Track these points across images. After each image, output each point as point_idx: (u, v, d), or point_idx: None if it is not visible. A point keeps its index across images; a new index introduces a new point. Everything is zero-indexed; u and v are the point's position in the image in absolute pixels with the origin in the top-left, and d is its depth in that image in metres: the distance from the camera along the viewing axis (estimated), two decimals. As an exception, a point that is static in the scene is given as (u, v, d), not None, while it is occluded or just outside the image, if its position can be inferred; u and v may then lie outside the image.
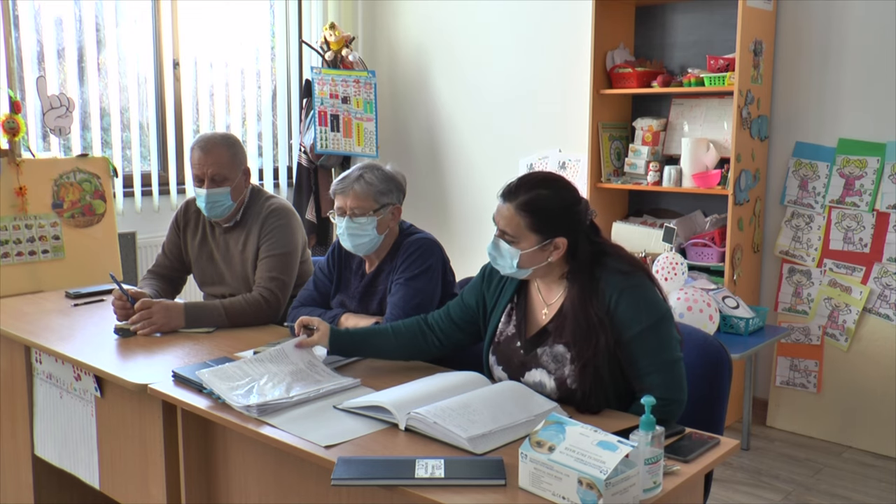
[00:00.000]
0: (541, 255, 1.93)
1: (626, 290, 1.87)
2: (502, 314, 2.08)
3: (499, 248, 1.95)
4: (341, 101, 4.86)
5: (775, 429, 4.02)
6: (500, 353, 2.06)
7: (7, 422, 2.76)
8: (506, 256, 1.94)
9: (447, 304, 2.22)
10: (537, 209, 1.91)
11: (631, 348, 1.87)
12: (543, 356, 1.95)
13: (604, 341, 1.86)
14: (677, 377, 1.87)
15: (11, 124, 3.46)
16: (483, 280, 2.15)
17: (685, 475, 1.55)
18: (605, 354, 1.87)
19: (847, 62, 3.81)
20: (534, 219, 1.91)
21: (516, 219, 1.92)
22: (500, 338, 2.07)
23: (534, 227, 1.91)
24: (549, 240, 1.91)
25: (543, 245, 1.92)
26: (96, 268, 3.62)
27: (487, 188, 5.00)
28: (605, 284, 1.89)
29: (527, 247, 1.92)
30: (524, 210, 1.91)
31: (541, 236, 1.91)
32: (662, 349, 1.87)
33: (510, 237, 1.93)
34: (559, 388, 1.91)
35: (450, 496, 1.46)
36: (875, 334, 3.77)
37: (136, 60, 4.49)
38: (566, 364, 1.90)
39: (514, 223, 1.92)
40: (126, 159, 4.53)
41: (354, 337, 2.17)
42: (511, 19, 4.83)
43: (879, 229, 3.75)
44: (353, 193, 2.42)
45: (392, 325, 2.20)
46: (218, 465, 2.04)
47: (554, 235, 1.91)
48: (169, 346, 2.43)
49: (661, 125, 4.27)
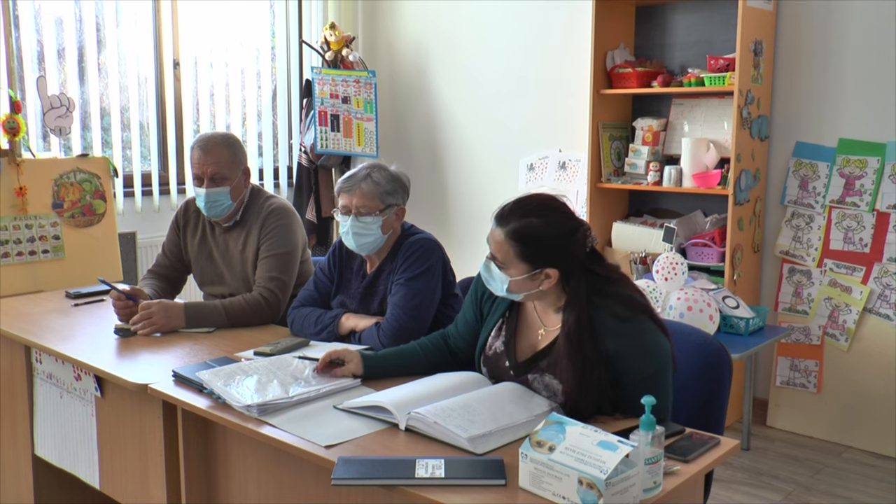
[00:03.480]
0: (531, 284, 1.87)
1: (624, 339, 1.81)
2: (492, 328, 2.05)
3: (490, 270, 1.92)
4: (341, 101, 4.86)
5: (775, 429, 4.02)
6: (491, 367, 2.03)
7: (7, 422, 2.76)
8: (496, 280, 1.91)
9: (456, 319, 2.20)
10: (527, 239, 1.85)
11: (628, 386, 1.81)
12: (534, 383, 1.92)
13: (597, 377, 1.80)
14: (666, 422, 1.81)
15: (12, 124, 3.46)
16: (476, 293, 2.12)
17: (685, 475, 1.55)
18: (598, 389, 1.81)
19: (847, 62, 3.81)
20: (523, 248, 1.85)
21: (506, 246, 1.86)
22: (489, 352, 2.04)
23: (523, 257, 1.85)
24: (539, 269, 1.85)
25: (533, 274, 1.86)
26: (96, 268, 3.62)
27: (487, 188, 5.01)
28: (603, 329, 1.81)
29: (516, 274, 1.87)
30: (514, 239, 1.85)
31: (530, 265, 1.85)
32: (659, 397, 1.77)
33: (500, 263, 1.88)
34: None
35: (450, 496, 1.46)
36: (875, 334, 3.76)
37: (136, 60, 4.49)
38: (558, 394, 1.87)
39: (504, 250, 1.87)
40: (126, 159, 4.53)
41: (387, 360, 2.14)
42: (511, 19, 4.84)
43: (879, 229, 3.75)
44: (360, 192, 2.42)
45: (419, 344, 2.19)
46: (218, 465, 2.04)
47: (544, 266, 1.85)
48: (169, 346, 2.43)
49: (662, 125, 4.27)
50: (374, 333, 2.37)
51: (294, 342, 2.37)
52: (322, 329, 2.48)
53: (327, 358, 2.08)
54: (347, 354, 2.10)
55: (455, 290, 2.55)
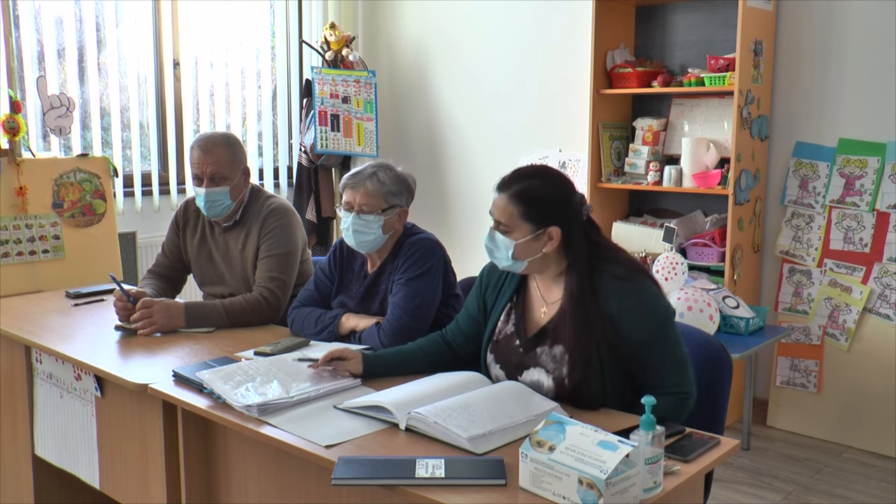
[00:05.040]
0: (535, 246, 1.94)
1: (628, 297, 1.88)
2: (501, 313, 2.09)
3: (494, 239, 1.97)
4: (341, 101, 4.86)
5: (775, 429, 4.02)
6: (499, 351, 2.06)
7: (7, 422, 2.76)
8: (501, 248, 1.96)
9: (456, 316, 2.24)
10: (530, 198, 1.93)
11: (641, 353, 1.88)
12: (543, 356, 1.96)
13: (600, 335, 1.87)
14: (689, 373, 1.91)
15: (12, 124, 3.46)
16: (481, 285, 2.17)
17: (685, 475, 1.55)
18: (603, 350, 1.88)
19: (847, 62, 3.81)
20: (526, 208, 1.92)
21: (510, 208, 1.94)
22: (499, 336, 2.08)
23: (526, 216, 1.92)
24: (543, 229, 1.92)
25: (537, 235, 1.93)
26: (96, 268, 3.63)
27: (487, 188, 4.95)
28: (605, 290, 1.89)
29: (520, 237, 1.93)
30: (517, 199, 1.93)
31: (534, 225, 1.92)
32: (672, 350, 1.89)
33: (504, 227, 1.95)
34: (557, 387, 1.91)
35: (450, 496, 1.46)
36: (875, 334, 3.76)
37: (136, 60, 4.49)
38: (565, 364, 1.91)
39: (508, 213, 1.94)
40: (126, 159, 4.53)
41: (386, 359, 2.15)
42: (511, 19, 4.84)
43: (880, 229, 3.75)
44: (364, 190, 2.42)
45: (418, 345, 2.21)
46: (218, 465, 2.04)
47: (547, 225, 1.92)
48: (169, 346, 2.43)
49: (662, 125, 4.27)
50: (375, 333, 2.37)
51: (294, 342, 2.37)
52: (322, 329, 2.48)
53: (328, 357, 2.08)
54: (348, 354, 2.10)
55: (456, 290, 2.55)
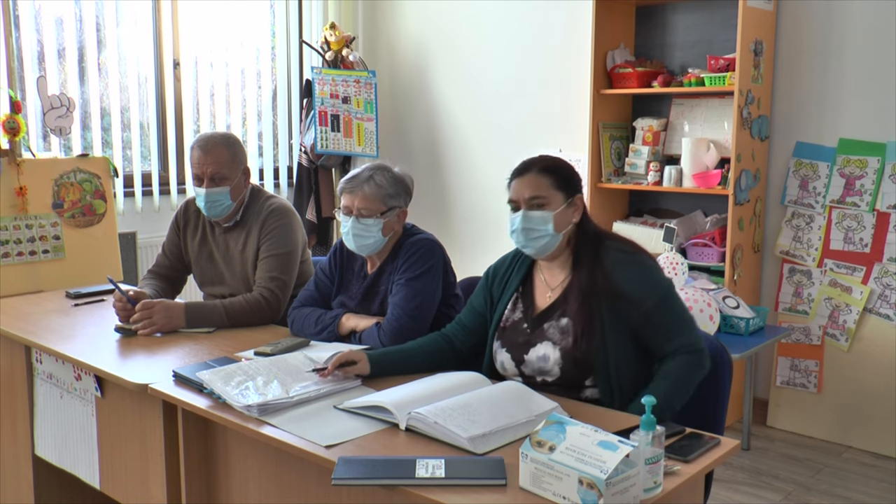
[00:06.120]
0: (567, 215, 2.04)
1: (634, 267, 2.00)
2: (508, 302, 2.14)
3: (530, 217, 2.02)
4: (342, 101, 4.86)
5: (775, 429, 4.02)
6: (506, 337, 2.11)
7: (7, 422, 2.76)
8: (538, 224, 2.02)
9: (458, 316, 2.28)
10: (557, 168, 2.06)
11: (650, 319, 1.96)
12: (550, 330, 2.02)
13: (605, 303, 1.96)
14: (697, 332, 2.01)
15: (12, 124, 3.46)
16: (487, 281, 2.23)
17: (685, 475, 1.55)
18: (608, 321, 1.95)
19: (847, 62, 3.81)
20: (556, 177, 2.04)
21: (542, 181, 2.03)
22: (506, 323, 2.13)
23: (558, 185, 2.03)
24: (572, 197, 2.04)
25: (569, 203, 2.04)
26: (96, 268, 3.63)
27: (487, 188, 5.00)
28: (611, 262, 2.00)
29: (556, 206, 2.02)
30: (546, 172, 2.04)
31: (565, 193, 2.04)
32: (679, 313, 1.99)
33: (541, 199, 2.02)
34: (563, 357, 1.96)
35: (450, 496, 1.46)
36: (875, 334, 3.76)
37: (136, 60, 4.49)
38: (571, 334, 1.97)
39: (543, 185, 2.03)
40: (126, 159, 4.53)
41: (389, 357, 2.17)
42: (511, 19, 4.84)
43: (880, 229, 3.75)
44: (363, 194, 2.41)
45: (419, 344, 2.22)
46: (218, 465, 2.04)
47: (573, 193, 2.05)
48: (169, 346, 2.43)
49: (662, 125, 4.27)
50: (375, 334, 2.37)
51: (294, 342, 2.37)
52: (322, 329, 2.48)
53: (337, 362, 2.06)
54: (354, 356, 2.10)
55: (456, 290, 2.55)
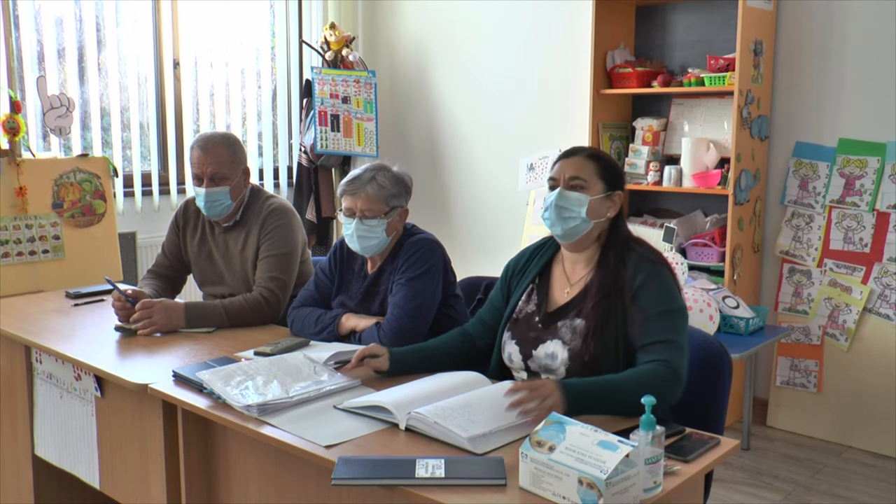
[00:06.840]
0: (603, 207, 2.01)
1: (654, 275, 1.96)
2: (523, 293, 2.13)
3: (566, 197, 2.00)
4: (341, 101, 4.86)
5: (775, 429, 4.02)
6: (516, 329, 2.09)
7: (7, 422, 2.76)
8: (573, 205, 2.00)
9: (478, 312, 2.26)
10: (603, 158, 2.06)
11: (649, 324, 1.90)
12: (562, 328, 2.00)
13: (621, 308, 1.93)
14: (685, 362, 1.89)
15: (12, 124, 3.46)
16: (507, 274, 2.22)
17: (685, 475, 1.55)
18: (620, 329, 1.92)
19: (847, 62, 3.81)
20: (601, 166, 2.03)
21: (587, 165, 2.02)
22: (519, 315, 2.11)
23: (601, 175, 2.02)
24: (611, 192, 2.03)
25: (608, 195, 2.02)
26: (96, 268, 3.63)
27: (487, 188, 5.00)
28: (635, 265, 1.97)
29: (595, 193, 2.00)
30: (593, 159, 2.04)
31: (606, 185, 2.02)
32: (677, 333, 1.90)
33: (581, 181, 2.00)
34: (571, 359, 1.94)
35: (450, 496, 1.46)
36: (875, 334, 3.76)
37: (136, 60, 4.49)
38: (582, 336, 1.95)
39: (586, 169, 2.02)
40: (126, 159, 4.53)
41: (410, 355, 2.17)
42: (511, 19, 4.84)
43: (880, 229, 3.75)
44: (365, 196, 2.41)
45: (440, 341, 2.22)
46: (218, 465, 2.04)
47: (614, 189, 2.03)
48: (169, 346, 2.43)
49: (662, 125, 4.27)
50: (375, 333, 2.37)
51: (294, 342, 2.37)
52: (322, 329, 2.48)
53: (361, 356, 2.09)
54: (377, 350, 2.12)
55: (456, 290, 2.55)
